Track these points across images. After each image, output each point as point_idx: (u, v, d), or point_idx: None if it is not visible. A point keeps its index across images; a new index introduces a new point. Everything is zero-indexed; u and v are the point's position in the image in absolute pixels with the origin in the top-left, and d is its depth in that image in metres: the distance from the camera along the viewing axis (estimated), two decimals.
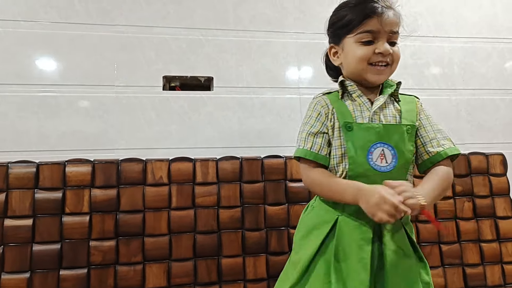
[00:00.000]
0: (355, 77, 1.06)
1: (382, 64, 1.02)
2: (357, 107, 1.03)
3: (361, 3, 1.02)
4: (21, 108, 1.44)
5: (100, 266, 1.35)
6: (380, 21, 0.99)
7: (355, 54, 1.01)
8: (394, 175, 0.96)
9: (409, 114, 1.03)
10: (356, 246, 0.95)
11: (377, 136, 0.98)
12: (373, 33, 1.00)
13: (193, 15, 1.63)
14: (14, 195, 1.34)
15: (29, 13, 1.49)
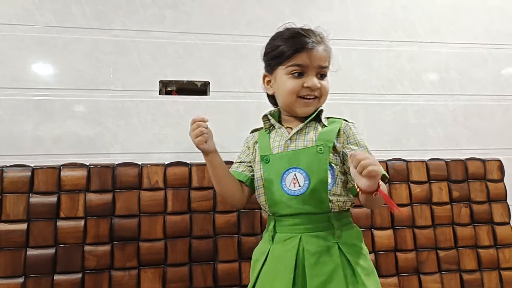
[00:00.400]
0: (285, 107, 1.16)
1: (310, 97, 1.11)
2: (277, 137, 1.14)
3: (293, 36, 1.11)
4: (16, 112, 1.47)
5: (94, 271, 1.38)
6: (309, 56, 1.07)
7: (285, 87, 1.10)
8: (309, 197, 1.04)
9: (327, 135, 1.10)
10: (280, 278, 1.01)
11: (289, 162, 1.06)
12: (302, 67, 1.09)
13: (190, 19, 1.68)
14: (9, 199, 1.37)
15: (25, 17, 1.53)
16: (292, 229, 1.05)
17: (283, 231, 1.06)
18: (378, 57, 1.83)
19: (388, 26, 1.86)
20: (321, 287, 0.97)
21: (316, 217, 1.04)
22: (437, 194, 1.68)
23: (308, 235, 1.03)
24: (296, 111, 1.13)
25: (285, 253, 1.02)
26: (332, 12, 1.82)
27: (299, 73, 1.09)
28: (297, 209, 1.04)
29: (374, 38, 1.84)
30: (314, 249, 1.01)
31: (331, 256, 1.01)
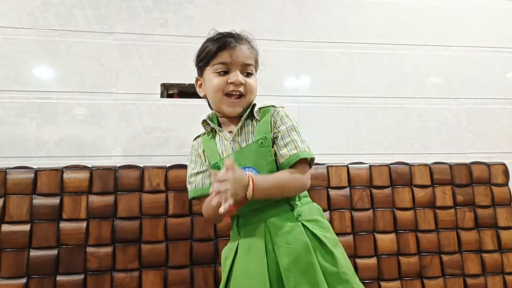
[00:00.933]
0: (215, 108, 1.24)
1: (236, 95, 1.18)
2: (222, 142, 1.20)
3: (218, 37, 1.21)
4: (19, 114, 1.55)
5: (96, 272, 1.45)
6: (232, 54, 1.17)
7: (211, 84, 1.19)
8: None
9: (263, 127, 1.17)
10: (254, 263, 1.07)
11: (237, 164, 1.07)
12: (226, 65, 1.17)
13: (191, 23, 1.76)
14: (12, 201, 1.45)
15: (28, 20, 1.62)
16: (257, 219, 1.12)
17: (248, 223, 1.13)
18: (380, 60, 1.90)
19: (391, 30, 1.93)
20: (294, 264, 1.04)
21: (276, 204, 1.12)
22: (441, 198, 1.74)
23: (273, 220, 1.10)
24: (224, 111, 1.20)
25: (253, 241, 1.09)
26: (334, 15, 1.90)
27: (224, 72, 1.18)
28: (258, 204, 1.10)
29: (376, 41, 1.91)
30: (280, 231, 1.08)
31: (298, 234, 1.08)
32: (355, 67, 1.88)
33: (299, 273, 1.04)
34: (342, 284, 1.06)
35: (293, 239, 1.08)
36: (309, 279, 1.03)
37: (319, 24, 1.89)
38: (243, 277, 1.08)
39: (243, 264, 1.10)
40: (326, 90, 1.85)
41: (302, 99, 1.81)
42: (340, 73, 1.86)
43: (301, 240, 1.08)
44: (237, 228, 1.16)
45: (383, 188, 1.71)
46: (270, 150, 1.13)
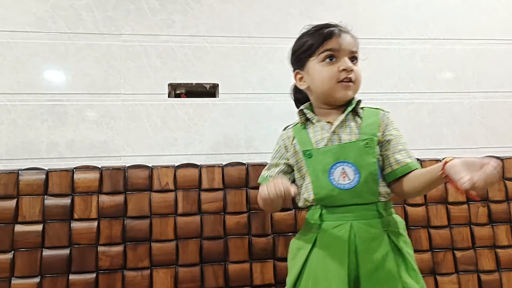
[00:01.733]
0: (323, 97, 1.22)
1: (347, 81, 1.18)
2: (317, 132, 1.20)
3: (319, 29, 1.22)
4: (30, 117, 1.62)
5: (108, 271, 1.50)
6: (339, 41, 1.17)
7: (321, 75, 1.18)
8: (360, 189, 1.12)
9: (370, 128, 1.18)
10: (334, 262, 1.09)
11: (335, 157, 1.13)
12: (334, 51, 1.18)
13: (198, 23, 1.81)
14: (24, 201, 1.51)
15: (37, 24, 1.69)
16: (342, 217, 1.13)
17: (332, 219, 1.14)
18: (390, 56, 1.92)
19: (400, 25, 1.95)
20: (374, 272, 1.07)
21: (366, 207, 1.13)
22: (453, 194, 1.75)
23: (359, 222, 1.11)
24: (336, 97, 1.19)
25: (335, 239, 1.10)
26: (342, 11, 1.93)
27: (331, 57, 1.18)
28: (348, 201, 1.12)
29: (385, 36, 1.93)
30: (365, 236, 1.09)
31: (382, 243, 1.10)
32: (364, 63, 1.90)
33: (378, 281, 1.06)
34: None
35: (377, 247, 1.09)
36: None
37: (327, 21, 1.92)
38: (322, 275, 1.10)
39: (323, 261, 1.11)
40: None
41: None
42: None
43: (385, 250, 1.09)
44: (319, 221, 1.16)
45: None
46: (374, 152, 1.14)
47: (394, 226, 1.16)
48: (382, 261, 1.08)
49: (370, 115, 1.22)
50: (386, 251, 1.09)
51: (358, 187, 1.12)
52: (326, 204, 1.15)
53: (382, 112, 1.24)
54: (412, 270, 1.12)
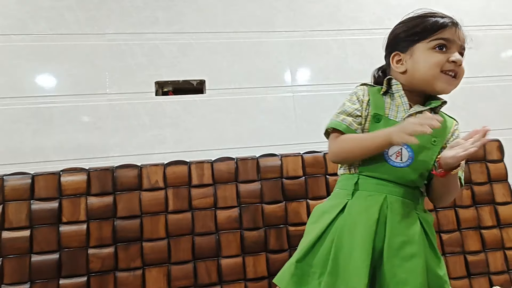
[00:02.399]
0: (422, 83, 0.98)
1: (452, 74, 0.96)
2: (394, 105, 0.98)
3: (434, 16, 0.98)
4: (15, 120, 1.36)
5: (99, 273, 1.27)
6: (455, 32, 0.96)
7: (428, 60, 0.95)
8: (406, 174, 0.93)
9: (442, 131, 0.97)
10: (361, 228, 0.89)
11: None
12: (448, 41, 0.95)
13: (183, 19, 1.54)
14: (11, 207, 1.26)
15: (19, 26, 1.42)
16: (378, 188, 0.93)
17: (367, 189, 0.94)
18: (373, 45, 1.67)
19: (382, 14, 1.71)
20: (400, 247, 0.88)
21: (404, 188, 0.94)
22: None
23: (394, 197, 0.92)
24: (436, 86, 0.97)
25: (366, 208, 0.91)
26: (325, 3, 1.68)
27: (443, 47, 0.96)
28: (390, 177, 0.93)
29: (367, 27, 1.68)
30: (398, 210, 0.91)
31: (414, 222, 0.91)
32: (348, 53, 1.66)
33: (402, 256, 0.88)
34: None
35: (407, 224, 0.92)
36: (410, 266, 0.88)
37: (311, 13, 1.67)
38: (347, 240, 0.90)
39: (349, 227, 0.91)
40: (320, 78, 1.63)
41: (297, 88, 1.60)
42: (333, 61, 1.65)
43: (415, 230, 0.92)
44: (353, 188, 0.96)
45: None
46: (437, 151, 0.95)
47: (426, 215, 0.97)
48: (412, 238, 0.90)
49: (445, 120, 1.02)
50: (416, 231, 0.90)
51: (405, 170, 0.93)
52: (368, 174, 0.95)
53: (456, 124, 1.05)
54: (438, 258, 0.94)
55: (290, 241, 1.39)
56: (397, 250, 0.88)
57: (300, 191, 1.43)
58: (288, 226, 1.40)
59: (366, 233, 0.89)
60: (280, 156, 1.45)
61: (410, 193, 0.94)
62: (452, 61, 0.94)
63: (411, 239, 0.89)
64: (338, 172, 1.04)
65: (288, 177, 1.44)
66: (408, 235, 0.90)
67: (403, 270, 0.87)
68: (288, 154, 1.45)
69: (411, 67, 0.98)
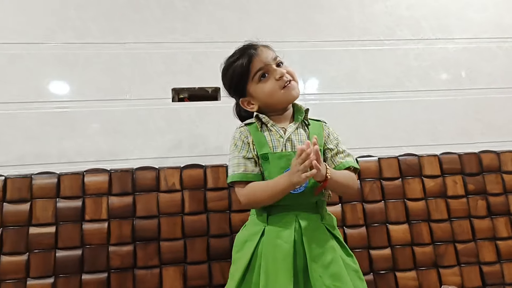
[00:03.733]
0: (275, 107, 1.30)
1: (287, 83, 1.26)
2: (273, 136, 1.26)
3: (239, 58, 1.29)
4: (42, 123, 1.65)
5: (119, 270, 1.53)
6: (261, 58, 1.26)
7: (265, 90, 1.27)
8: (308, 194, 1.19)
9: (318, 138, 1.22)
10: (281, 251, 1.15)
11: (289, 162, 1.17)
12: (263, 69, 1.26)
13: (199, 29, 1.85)
14: (38, 204, 1.54)
15: (48, 35, 1.73)
16: (287, 210, 1.21)
17: (278, 211, 1.21)
18: (384, 56, 1.96)
19: (393, 25, 1.99)
20: (320, 257, 1.15)
21: (308, 204, 1.22)
22: (452, 188, 1.77)
23: (303, 215, 1.20)
24: (288, 99, 1.28)
25: (282, 231, 1.17)
26: (336, 14, 1.96)
27: (263, 75, 1.27)
28: (294, 201, 1.20)
29: (379, 37, 1.97)
30: (309, 226, 1.18)
31: (323, 233, 1.20)
32: (359, 63, 1.94)
33: (324, 265, 1.14)
34: (361, 282, 1.20)
35: (319, 236, 1.19)
36: (332, 272, 1.14)
37: (323, 24, 1.96)
38: (271, 263, 1.14)
39: (271, 250, 1.16)
40: (332, 88, 1.91)
41: (308, 97, 1.87)
42: (344, 70, 1.92)
43: (326, 239, 1.19)
44: (267, 216, 1.22)
45: (393, 179, 1.75)
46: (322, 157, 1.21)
47: (330, 221, 1.26)
48: (325, 247, 1.17)
49: (315, 126, 1.33)
50: (327, 239, 1.20)
51: (306, 192, 1.19)
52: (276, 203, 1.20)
53: (325, 124, 1.36)
54: (351, 256, 1.24)
55: None
56: (317, 261, 1.14)
57: None
58: None
59: (286, 255, 1.14)
60: None
61: (313, 208, 1.23)
62: (279, 78, 1.25)
63: (326, 249, 1.17)
64: None
65: None
66: (323, 247, 1.17)
67: (327, 277, 1.12)
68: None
69: (259, 102, 1.29)
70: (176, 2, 1.86)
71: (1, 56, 1.70)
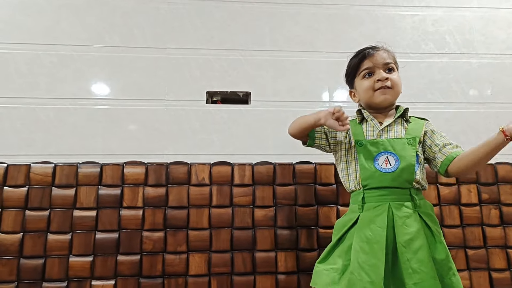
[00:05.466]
0: (368, 105, 1.50)
1: (384, 87, 1.43)
2: (369, 128, 1.46)
3: (358, 53, 1.51)
4: (89, 118, 1.84)
5: (150, 253, 1.69)
6: (371, 59, 1.46)
7: (362, 87, 1.47)
8: (399, 174, 1.35)
9: (414, 131, 1.43)
10: (374, 233, 1.30)
11: (382, 147, 1.38)
12: (370, 69, 1.46)
13: (234, 38, 2.00)
14: (82, 190, 1.73)
15: (96, 39, 1.92)
16: (381, 198, 1.35)
17: (372, 201, 1.36)
18: (409, 68, 2.03)
19: (418, 39, 2.08)
20: (408, 243, 1.28)
21: (401, 191, 1.36)
22: (466, 196, 1.85)
23: (396, 203, 1.34)
24: (376, 102, 1.45)
25: (376, 217, 1.33)
26: (364, 28, 2.07)
27: (369, 74, 1.46)
28: (387, 183, 1.35)
29: (405, 50, 2.06)
30: (401, 214, 1.32)
31: (414, 221, 1.32)
32: None
33: (412, 250, 1.27)
34: (448, 269, 1.31)
35: (411, 223, 1.31)
36: (419, 257, 1.26)
37: (350, 37, 2.07)
38: (365, 244, 1.30)
39: (364, 232, 1.32)
40: None
41: (333, 104, 1.98)
42: None
43: (417, 226, 1.31)
44: (361, 202, 1.38)
45: None
46: (415, 149, 1.38)
47: (424, 208, 1.38)
48: (416, 235, 1.29)
49: (416, 122, 1.48)
50: (418, 227, 1.30)
51: (396, 172, 1.35)
52: (368, 185, 1.37)
53: (426, 122, 1.51)
54: (439, 243, 1.34)
55: (320, 241, 1.75)
56: (406, 247, 1.27)
57: (331, 197, 1.80)
58: (319, 228, 1.76)
59: (379, 237, 1.29)
60: (314, 164, 1.84)
61: (407, 195, 1.35)
62: (378, 80, 1.42)
63: (415, 236, 1.29)
64: (347, 190, 1.48)
65: (321, 183, 1.82)
66: (412, 233, 1.29)
67: (414, 261, 1.25)
68: (322, 163, 1.84)
69: (359, 96, 1.50)
70: (214, 12, 2.02)
71: (54, 56, 1.90)
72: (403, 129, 1.44)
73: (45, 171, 1.74)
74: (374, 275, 1.24)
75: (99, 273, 1.66)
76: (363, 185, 1.39)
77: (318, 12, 2.09)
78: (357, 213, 1.38)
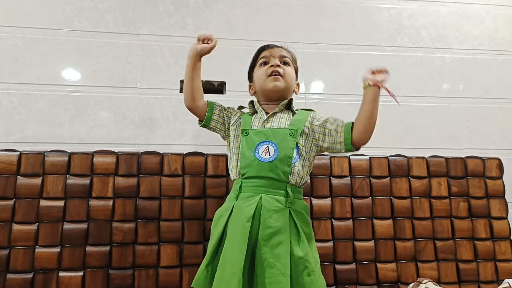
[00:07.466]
0: (262, 93, 1.53)
1: (276, 74, 1.48)
2: (257, 118, 1.50)
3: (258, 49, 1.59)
4: (56, 105, 1.80)
5: (121, 244, 1.67)
6: (269, 51, 1.54)
7: (257, 74, 1.53)
8: (276, 165, 1.37)
9: (298, 122, 1.46)
10: (240, 224, 1.31)
11: (264, 137, 1.41)
12: (266, 58, 1.53)
13: (209, 26, 1.98)
14: (49, 180, 1.68)
15: (65, 22, 1.87)
16: (255, 189, 1.37)
17: (247, 191, 1.37)
18: (383, 61, 2.08)
19: (394, 33, 2.12)
20: (270, 237, 1.29)
21: (277, 183, 1.37)
22: (436, 189, 1.91)
23: (267, 196, 1.35)
24: (268, 88, 1.49)
25: (246, 207, 1.33)
26: (340, 19, 2.10)
27: (265, 63, 1.52)
28: (264, 173, 1.36)
29: (380, 44, 2.10)
30: (270, 207, 1.33)
31: (282, 216, 1.33)
32: (359, 67, 2.06)
33: (271, 244, 1.28)
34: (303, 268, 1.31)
35: (278, 218, 1.32)
36: (276, 252, 1.27)
37: (327, 28, 2.09)
38: (230, 237, 1.32)
39: (233, 225, 1.33)
40: (331, 89, 2.04)
41: (309, 96, 2.01)
42: (345, 73, 2.06)
43: (283, 221, 1.32)
44: (237, 192, 1.39)
45: (382, 178, 1.89)
46: (295, 140, 1.40)
47: (298, 206, 1.39)
48: (278, 230, 1.30)
49: (302, 113, 1.51)
50: (284, 222, 1.32)
51: (274, 162, 1.37)
52: (246, 174, 1.39)
53: (313, 112, 1.53)
54: (302, 242, 1.34)
55: None
56: (267, 240, 1.28)
57: (305, 190, 1.83)
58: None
59: (243, 229, 1.30)
60: None
61: (282, 189, 1.37)
62: (271, 66, 1.48)
63: (278, 231, 1.30)
64: (231, 178, 1.48)
65: None
66: (275, 227, 1.30)
67: (271, 256, 1.27)
68: None
69: (255, 86, 1.55)
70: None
71: (19, 39, 1.84)
72: (288, 121, 1.46)
73: (9, 159, 1.69)
74: (235, 267, 1.25)
75: (67, 265, 1.63)
76: (242, 174, 1.40)
77: (294, 3, 2.10)
78: (232, 203, 1.39)
